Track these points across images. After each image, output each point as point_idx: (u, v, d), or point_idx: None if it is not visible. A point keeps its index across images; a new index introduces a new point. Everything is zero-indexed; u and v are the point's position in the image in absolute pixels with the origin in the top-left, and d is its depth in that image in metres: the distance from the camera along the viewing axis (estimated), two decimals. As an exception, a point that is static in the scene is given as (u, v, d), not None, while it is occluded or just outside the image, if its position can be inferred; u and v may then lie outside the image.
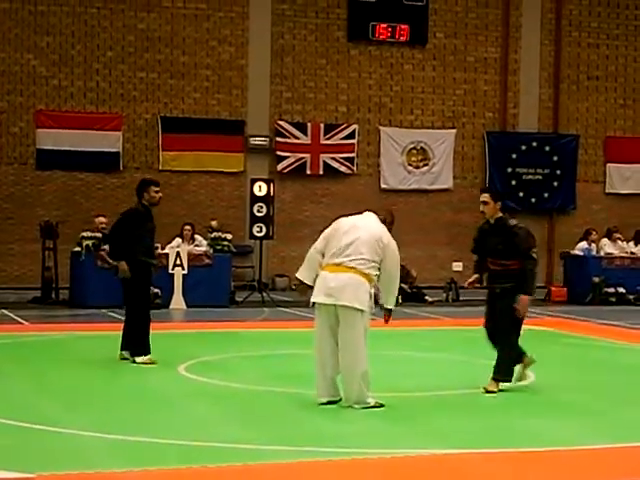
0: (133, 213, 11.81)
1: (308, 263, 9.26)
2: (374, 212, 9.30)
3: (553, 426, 8.28)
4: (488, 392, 9.66)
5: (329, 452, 7.08)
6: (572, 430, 8.14)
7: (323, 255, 9.12)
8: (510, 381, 9.89)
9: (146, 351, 11.49)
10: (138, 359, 11.43)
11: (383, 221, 9.23)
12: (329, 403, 8.92)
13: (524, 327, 10.22)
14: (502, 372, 9.83)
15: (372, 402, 8.87)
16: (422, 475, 6.64)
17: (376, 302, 9.20)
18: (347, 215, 9.38)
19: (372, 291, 9.00)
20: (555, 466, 6.94)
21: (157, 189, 11.80)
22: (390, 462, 6.92)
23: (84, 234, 18.54)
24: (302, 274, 9.24)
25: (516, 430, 8.12)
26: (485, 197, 10.07)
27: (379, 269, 8.98)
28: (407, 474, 6.66)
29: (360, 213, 9.36)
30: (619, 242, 22.01)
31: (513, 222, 10.09)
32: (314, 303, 9.02)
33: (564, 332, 15.73)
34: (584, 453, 7.33)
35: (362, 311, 8.82)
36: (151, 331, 11.59)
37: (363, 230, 9.00)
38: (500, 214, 10.06)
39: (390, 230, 9.25)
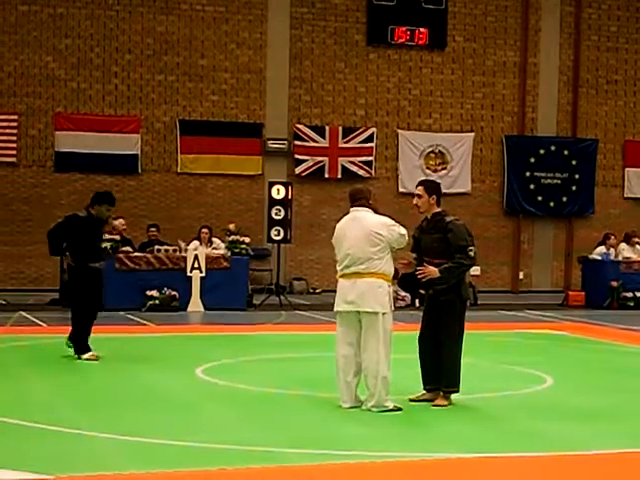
0: (74, 219, 12.19)
1: None
2: (360, 205, 9.14)
3: (570, 430, 8.24)
4: (436, 406, 9.04)
5: (347, 455, 7.07)
6: (589, 434, 8.09)
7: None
8: (458, 391, 9.19)
9: (87, 348, 11.92)
10: (83, 356, 11.85)
11: (373, 209, 9.15)
12: (352, 408, 8.91)
13: (541, 331, 10.13)
14: (450, 382, 9.14)
15: (391, 406, 8.86)
16: (439, 479, 6.62)
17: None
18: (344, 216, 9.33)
19: (391, 289, 9.04)
20: (572, 470, 6.90)
21: (110, 208, 12.24)
22: (407, 465, 6.90)
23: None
24: None
25: (532, 434, 8.09)
26: (419, 190, 9.43)
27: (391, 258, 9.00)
28: (425, 478, 6.63)
29: (348, 213, 9.27)
30: (637, 246, 21.90)
31: (450, 218, 9.29)
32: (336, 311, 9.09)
33: (582, 336, 15.67)
34: (603, 457, 7.28)
35: (384, 314, 8.87)
36: (167, 334, 11.60)
37: (356, 231, 8.95)
38: (437, 209, 9.36)
39: (377, 208, 9.19)
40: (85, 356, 11.87)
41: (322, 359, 12.29)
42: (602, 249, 21.69)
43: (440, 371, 9.19)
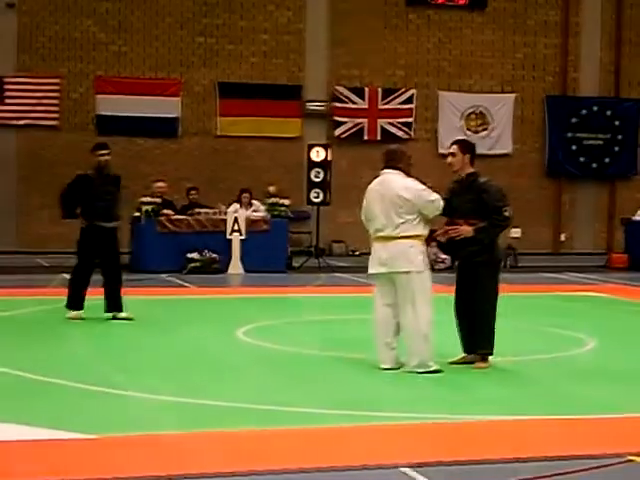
0: (80, 178, 12.46)
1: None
2: (390, 167, 9.16)
3: (609, 393, 8.22)
4: (477, 368, 9.05)
5: (385, 417, 7.11)
6: (630, 397, 8.06)
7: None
8: (491, 353, 9.15)
9: (76, 306, 12.04)
10: (68, 314, 11.98)
11: (404, 171, 9.11)
12: (391, 369, 8.93)
13: (583, 293, 10.07)
14: (484, 344, 9.11)
15: (433, 367, 8.85)
16: (480, 441, 6.64)
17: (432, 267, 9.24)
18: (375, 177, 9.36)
19: (424, 249, 9.03)
20: (610, 433, 6.90)
21: (103, 152, 12.41)
22: (445, 427, 6.94)
23: (143, 199, 18.66)
24: None
25: (572, 397, 8.08)
26: (453, 148, 9.31)
27: (423, 221, 8.96)
28: (463, 440, 6.66)
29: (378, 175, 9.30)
30: (682, 207, 21.71)
31: (484, 179, 9.21)
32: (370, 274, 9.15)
33: (624, 299, 15.58)
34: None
35: (418, 272, 8.88)
36: (208, 296, 11.66)
37: (383, 195, 8.98)
38: (471, 169, 9.22)
39: (410, 170, 9.16)
40: (71, 314, 11.99)
41: (361, 321, 12.30)
42: (645, 210, 21.52)
43: (475, 333, 9.18)
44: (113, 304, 12.12)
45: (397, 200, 8.88)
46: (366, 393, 8.10)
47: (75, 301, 12.10)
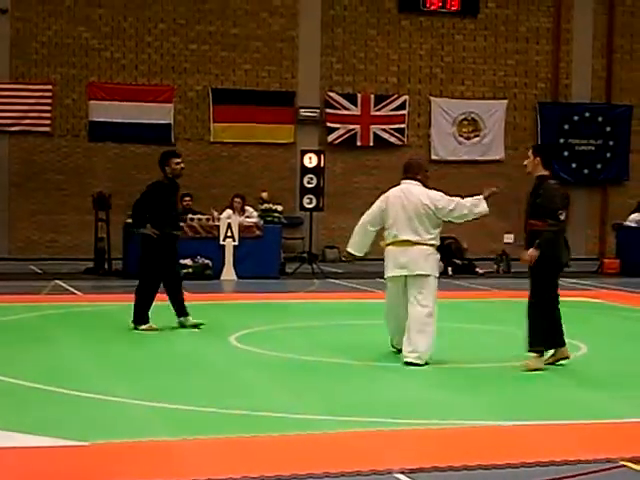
0: (159, 186, 12.07)
1: (358, 236, 10.06)
2: (410, 177, 9.90)
3: (602, 398, 8.24)
4: (531, 370, 9.26)
5: (380, 422, 7.11)
6: (622, 403, 8.08)
7: (373, 228, 9.97)
8: (541, 352, 9.40)
9: (146, 320, 11.78)
10: (140, 327, 11.71)
11: (422, 182, 9.88)
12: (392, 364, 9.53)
13: (576, 298, 10.14)
14: (531, 342, 9.40)
15: (421, 362, 9.40)
16: (474, 447, 6.64)
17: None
18: (393, 187, 10.04)
19: (438, 256, 9.85)
20: (601, 437, 6.91)
21: (178, 160, 12.15)
22: (440, 433, 6.94)
23: (136, 206, 18.64)
24: (353, 247, 10.12)
25: (565, 402, 8.10)
26: (529, 151, 9.78)
27: (439, 231, 9.89)
28: (458, 445, 6.66)
29: (399, 184, 9.98)
30: (673, 213, 21.74)
31: (552, 181, 9.52)
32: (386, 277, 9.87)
33: (617, 304, 15.61)
34: (635, 426, 7.29)
35: (435, 277, 9.71)
36: (200, 302, 11.67)
37: (413, 204, 9.67)
38: (542, 172, 9.52)
39: (427, 182, 9.94)
40: (143, 327, 11.73)
41: (354, 327, 12.36)
42: (637, 216, 21.56)
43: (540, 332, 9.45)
44: (182, 309, 12.07)
45: (421, 209, 9.62)
46: (359, 398, 8.10)
47: (144, 315, 11.83)
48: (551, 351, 9.58)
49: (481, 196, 9.80)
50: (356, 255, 10.12)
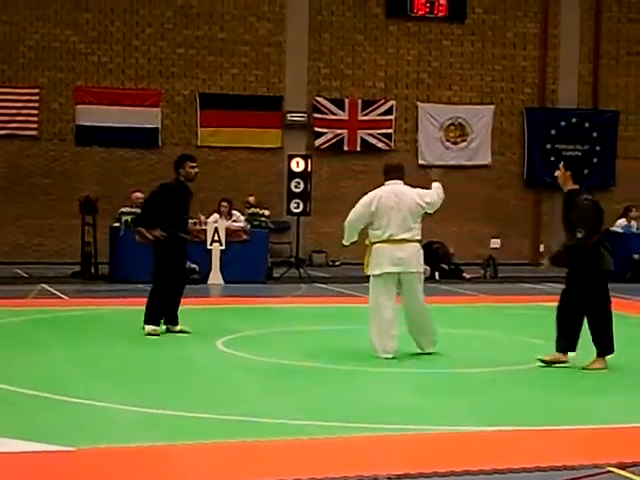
0: (168, 187, 11.99)
1: (349, 230, 10.38)
2: (396, 178, 10.35)
3: (589, 403, 8.26)
4: (593, 369, 9.66)
5: (366, 428, 7.10)
6: (609, 407, 8.09)
7: (361, 225, 10.31)
8: (610, 352, 9.81)
9: (156, 322, 11.74)
10: (147, 327, 11.69)
11: (408, 184, 10.39)
12: (392, 359, 9.91)
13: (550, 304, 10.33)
14: (601, 345, 9.79)
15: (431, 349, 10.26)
16: (460, 452, 6.64)
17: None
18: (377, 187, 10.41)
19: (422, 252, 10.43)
20: (587, 443, 6.92)
21: (193, 164, 12.00)
22: (427, 438, 6.94)
23: (123, 209, 18.68)
24: (348, 240, 10.48)
25: (552, 407, 8.11)
26: (560, 165, 10.19)
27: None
28: (445, 450, 6.66)
29: (383, 185, 10.35)
30: (659, 219, 21.82)
31: (583, 196, 9.88)
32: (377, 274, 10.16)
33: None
34: (623, 431, 7.30)
35: (423, 274, 10.35)
36: (187, 306, 11.66)
37: (407, 204, 10.11)
38: (573, 186, 9.96)
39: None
40: (149, 328, 11.70)
41: (341, 332, 12.36)
42: (623, 221, 21.63)
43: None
44: (174, 318, 12.00)
45: (414, 208, 10.12)
46: (346, 404, 8.09)
47: (156, 316, 11.81)
48: (573, 353, 9.86)
49: (437, 183, 10.50)
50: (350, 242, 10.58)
